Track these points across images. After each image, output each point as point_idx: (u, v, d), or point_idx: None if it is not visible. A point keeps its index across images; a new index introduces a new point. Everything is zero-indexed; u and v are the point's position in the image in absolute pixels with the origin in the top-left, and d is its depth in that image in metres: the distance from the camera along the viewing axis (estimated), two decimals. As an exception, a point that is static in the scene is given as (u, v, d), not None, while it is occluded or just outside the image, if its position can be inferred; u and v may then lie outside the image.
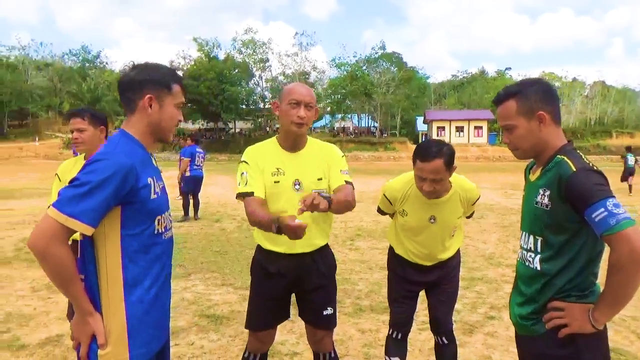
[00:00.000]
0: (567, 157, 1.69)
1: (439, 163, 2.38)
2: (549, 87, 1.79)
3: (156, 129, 1.74)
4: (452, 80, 73.36)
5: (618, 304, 1.58)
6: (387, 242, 3.05)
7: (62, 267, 1.49)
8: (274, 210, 2.31)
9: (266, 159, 2.40)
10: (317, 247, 2.47)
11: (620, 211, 1.52)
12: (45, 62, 58.74)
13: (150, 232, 1.67)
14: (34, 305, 4.59)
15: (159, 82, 1.70)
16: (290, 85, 2.45)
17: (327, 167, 2.46)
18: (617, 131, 55.28)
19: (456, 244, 2.88)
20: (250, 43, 53.13)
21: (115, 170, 1.52)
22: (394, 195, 2.74)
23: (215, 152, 44.91)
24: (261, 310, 2.51)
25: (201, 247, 7.27)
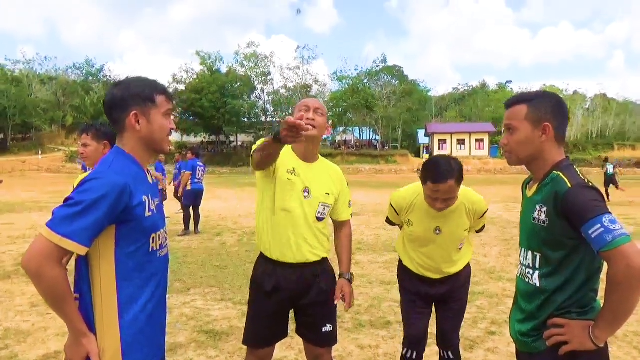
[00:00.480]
0: (562, 173, 1.69)
1: (452, 183, 2.41)
2: (562, 104, 1.80)
3: (149, 143, 1.73)
4: (453, 93, 73.66)
5: (618, 321, 1.57)
6: (387, 255, 3.07)
7: (56, 287, 1.48)
8: (282, 206, 2.39)
9: (284, 157, 2.39)
10: (319, 258, 2.48)
11: (616, 227, 1.52)
12: (49, 76, 59.28)
13: (145, 250, 1.66)
14: (33, 321, 4.57)
15: (140, 97, 1.68)
16: (302, 100, 2.60)
17: (335, 188, 2.56)
18: (619, 144, 55.36)
19: (465, 258, 2.87)
20: (253, 56, 53.57)
21: (108, 189, 1.52)
22: (400, 205, 2.77)
23: (217, 165, 45.06)
24: (259, 326, 2.48)
25: (201, 261, 7.25)
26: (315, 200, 2.44)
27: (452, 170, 2.40)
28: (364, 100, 49.85)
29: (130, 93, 1.67)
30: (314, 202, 2.44)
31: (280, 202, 2.40)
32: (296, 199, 2.40)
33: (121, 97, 1.67)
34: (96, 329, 1.59)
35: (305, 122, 2.21)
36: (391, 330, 4.41)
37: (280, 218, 2.40)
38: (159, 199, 1.84)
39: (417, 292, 2.86)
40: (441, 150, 52.31)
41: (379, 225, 10.85)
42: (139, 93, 1.68)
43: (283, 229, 2.40)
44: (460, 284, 2.87)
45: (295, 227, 2.40)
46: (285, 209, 2.40)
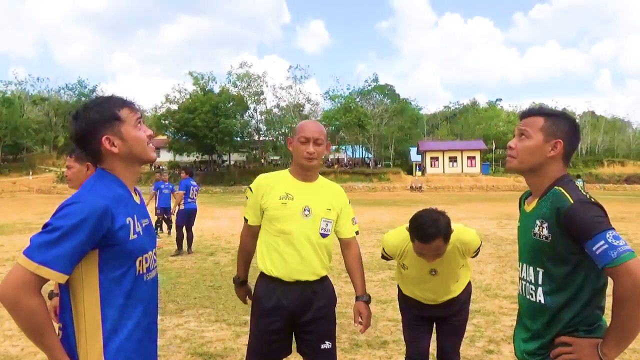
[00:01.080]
0: (563, 189, 1.68)
1: (438, 242, 2.41)
2: (577, 128, 1.82)
3: (131, 159, 1.66)
4: (444, 111, 74.38)
5: (627, 338, 1.55)
6: (382, 274, 3.09)
7: (34, 318, 1.40)
8: (280, 229, 2.45)
9: (276, 186, 2.50)
10: (319, 276, 2.50)
11: (620, 243, 1.51)
12: (41, 97, 59.20)
13: (131, 274, 1.58)
14: (22, 345, 4.46)
15: (105, 119, 1.59)
16: (302, 122, 2.58)
17: (337, 204, 2.58)
18: (609, 160, 55.94)
19: (463, 283, 2.90)
20: (245, 76, 53.88)
21: (87, 213, 1.45)
22: (392, 251, 2.82)
23: (209, 184, 44.91)
24: (262, 345, 2.47)
25: (194, 281, 7.16)
26: (316, 217, 2.46)
27: (439, 229, 2.38)
28: (356, 119, 50.15)
29: (92, 120, 1.59)
30: (316, 219, 2.46)
31: (278, 226, 2.45)
32: (294, 222, 2.43)
33: (86, 128, 1.59)
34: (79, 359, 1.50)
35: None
36: (388, 350, 4.35)
37: (279, 240, 2.44)
38: (148, 219, 1.78)
39: (418, 313, 2.89)
40: (434, 167, 52.60)
41: (373, 244, 10.81)
42: (101, 117, 1.59)
43: (282, 249, 2.43)
44: (461, 303, 2.89)
45: (296, 248, 2.42)
46: (283, 231, 2.44)
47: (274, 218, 2.46)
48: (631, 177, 49.45)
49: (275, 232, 2.46)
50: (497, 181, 46.15)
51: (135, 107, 1.69)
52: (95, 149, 1.61)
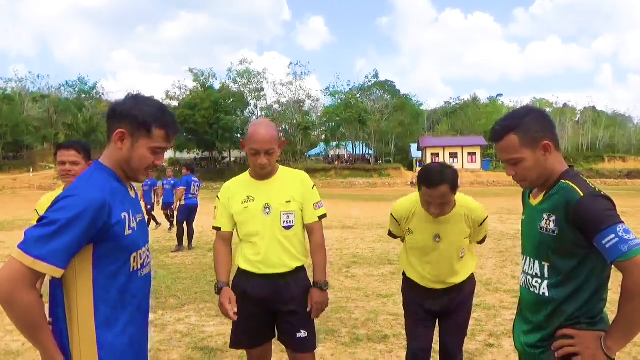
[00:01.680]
0: (572, 182, 1.66)
1: (445, 188, 2.45)
2: (545, 115, 1.78)
3: (124, 167, 1.63)
4: (445, 107, 74.17)
5: (632, 332, 1.55)
6: (383, 269, 3.06)
7: (29, 313, 1.37)
8: (246, 232, 2.60)
9: (238, 191, 2.64)
10: (290, 268, 2.58)
11: (631, 237, 1.50)
12: (41, 94, 59.07)
13: (126, 270, 1.57)
14: (22, 340, 4.46)
15: (137, 121, 1.58)
16: (252, 128, 2.53)
17: (298, 193, 2.63)
18: (609, 155, 55.92)
19: (467, 268, 2.84)
20: (246, 73, 53.87)
21: (85, 206, 1.42)
22: (399, 214, 2.80)
23: (210, 180, 44.88)
24: (239, 328, 2.63)
25: (195, 276, 7.16)
26: (276, 212, 2.56)
27: (446, 176, 2.45)
28: (356, 115, 50.12)
29: (130, 112, 1.58)
30: (276, 214, 2.56)
31: (244, 230, 2.61)
32: (258, 222, 2.56)
33: (121, 111, 1.60)
34: (72, 356, 1.49)
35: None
36: (388, 344, 4.35)
37: (248, 241, 2.61)
38: (142, 214, 1.76)
39: (421, 305, 2.82)
40: (434, 163, 52.48)
41: (374, 239, 10.81)
42: (139, 117, 1.58)
43: (252, 248, 2.58)
44: (464, 297, 2.83)
45: (263, 245, 2.55)
46: (249, 233, 2.59)
47: (240, 222, 2.62)
48: (632, 172, 49.46)
49: (243, 235, 2.63)
50: (497, 177, 46.11)
51: (170, 138, 1.66)
52: (110, 131, 1.62)
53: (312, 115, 56.53)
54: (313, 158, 58.06)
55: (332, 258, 8.60)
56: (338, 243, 10.43)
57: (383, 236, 11.05)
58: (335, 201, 23.71)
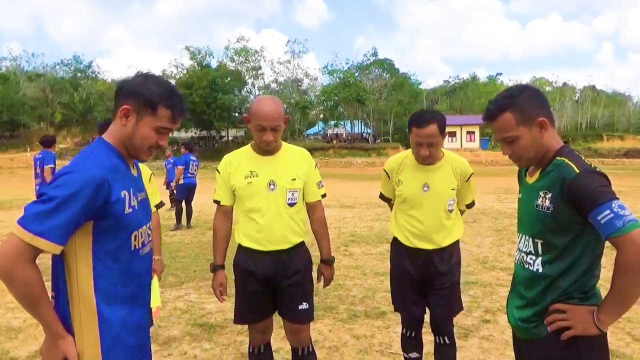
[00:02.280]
0: (568, 159, 1.66)
1: (434, 127, 2.58)
2: (539, 91, 1.76)
3: (127, 144, 1.63)
4: (444, 86, 73.69)
5: (624, 306, 1.57)
6: (380, 247, 3.11)
7: (29, 288, 1.39)
8: (248, 208, 2.57)
9: (241, 164, 2.60)
10: (293, 244, 2.60)
11: (626, 213, 1.51)
12: (36, 73, 58.43)
13: (126, 248, 1.57)
14: (24, 317, 4.51)
15: (144, 98, 1.57)
16: (258, 104, 2.48)
17: (302, 171, 2.63)
18: (608, 134, 55.84)
19: (454, 230, 2.83)
20: (243, 51, 53.26)
21: (84, 183, 1.42)
22: (391, 167, 2.91)
23: (208, 160, 44.76)
24: (244, 305, 2.68)
25: (194, 255, 7.22)
26: (282, 189, 2.55)
27: (434, 116, 2.62)
28: (355, 94, 49.79)
29: (137, 89, 1.58)
30: (282, 191, 2.56)
31: (247, 205, 2.58)
32: (262, 198, 2.54)
33: (128, 88, 1.59)
34: (74, 331, 1.50)
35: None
36: (386, 320, 4.41)
37: (250, 216, 2.58)
38: (144, 193, 1.76)
39: (407, 272, 2.83)
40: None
41: (372, 218, 10.86)
42: (146, 95, 1.57)
43: (254, 224, 2.56)
44: (452, 264, 2.81)
45: (266, 221, 2.54)
46: (252, 209, 2.56)
47: (242, 197, 2.58)
48: (630, 152, 49.46)
49: (245, 210, 2.59)
50: (496, 156, 46.08)
51: (177, 120, 1.65)
52: (116, 108, 1.61)
53: (310, 94, 56.17)
54: (311, 137, 57.85)
55: (330, 237, 8.63)
56: (336, 222, 10.48)
57: (381, 215, 11.11)
58: (334, 180, 23.73)
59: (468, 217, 5.76)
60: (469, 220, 9.73)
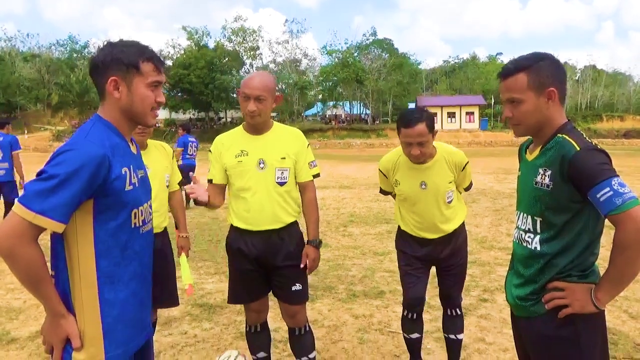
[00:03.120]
0: (568, 136, 1.64)
1: (422, 127, 2.56)
2: (560, 64, 1.73)
3: (129, 114, 1.59)
4: (444, 66, 73.03)
5: (622, 283, 1.57)
6: (379, 227, 3.13)
7: (31, 267, 1.38)
8: (239, 187, 2.57)
9: (232, 144, 2.61)
10: (284, 224, 2.60)
11: (625, 190, 1.50)
12: (32, 54, 57.77)
13: (127, 226, 1.55)
14: (24, 298, 4.54)
15: (123, 62, 1.53)
16: (247, 77, 2.53)
17: (292, 150, 2.61)
18: (608, 115, 55.57)
19: (458, 216, 2.89)
20: (240, 31, 52.57)
21: (85, 161, 1.40)
22: (386, 167, 2.90)
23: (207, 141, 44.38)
24: (237, 285, 2.69)
25: (193, 236, 7.22)
26: (271, 168, 2.55)
27: (421, 116, 2.58)
28: (354, 74, 49.33)
29: (112, 57, 1.53)
30: (270, 169, 2.55)
31: (237, 184, 2.58)
32: (251, 177, 2.54)
33: (102, 61, 1.54)
34: (75, 310, 1.49)
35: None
36: (384, 300, 4.44)
37: (241, 195, 2.57)
38: (144, 170, 1.74)
39: (414, 254, 2.91)
40: (432, 123, 52.12)
41: (371, 198, 10.88)
42: (122, 58, 1.53)
43: (245, 203, 2.56)
44: (458, 245, 2.91)
45: (256, 200, 2.54)
46: (242, 188, 2.56)
47: (233, 176, 2.59)
48: (630, 132, 49.30)
49: (236, 189, 2.60)
50: (495, 137, 45.94)
51: (161, 69, 1.62)
52: (101, 85, 1.56)
53: (308, 75, 55.64)
54: (310, 118, 57.55)
55: (329, 217, 8.66)
56: (335, 202, 10.49)
57: (380, 196, 11.05)
58: (333, 162, 23.71)
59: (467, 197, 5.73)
60: (467, 201, 9.72)
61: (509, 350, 3.35)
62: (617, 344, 3.40)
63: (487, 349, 3.44)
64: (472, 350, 3.41)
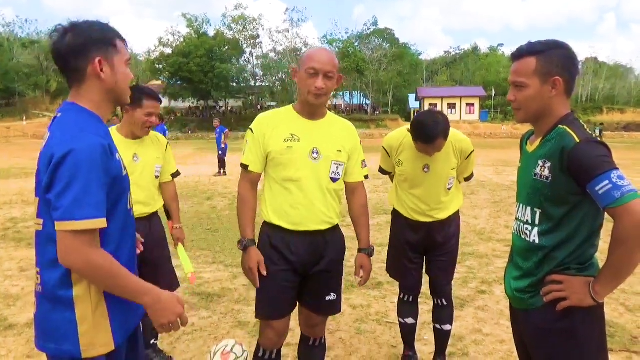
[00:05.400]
0: (569, 128, 1.62)
1: (440, 141, 2.52)
2: (573, 55, 1.71)
3: (112, 94, 1.54)
4: (445, 57, 72.80)
5: (620, 277, 1.56)
6: (377, 218, 3.10)
7: (108, 269, 1.39)
8: (285, 176, 2.19)
9: (279, 126, 2.21)
10: (331, 225, 2.30)
11: (624, 183, 1.48)
12: (31, 40, 57.35)
13: (124, 208, 1.55)
14: (22, 285, 4.54)
15: (103, 41, 1.48)
16: (312, 50, 2.23)
17: (348, 144, 2.32)
18: (608, 107, 55.51)
19: (454, 203, 2.90)
20: (241, 19, 52.30)
21: (92, 155, 1.38)
22: (390, 145, 2.84)
23: (206, 130, 44.57)
24: (273, 297, 2.26)
25: (192, 225, 7.21)
26: (327, 160, 2.22)
27: (439, 129, 2.48)
28: (354, 64, 49.15)
29: (92, 38, 1.46)
30: (326, 161, 2.22)
31: (284, 173, 2.20)
32: (303, 166, 2.18)
33: (82, 43, 1.45)
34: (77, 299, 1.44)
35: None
36: (382, 290, 4.45)
37: (286, 187, 2.21)
38: None
39: (407, 241, 2.91)
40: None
41: (369, 189, 10.85)
42: (101, 38, 1.47)
43: (290, 197, 2.20)
44: (451, 233, 2.90)
45: (306, 195, 2.20)
46: (290, 179, 2.19)
47: (279, 164, 2.19)
48: (630, 125, 49.27)
49: (281, 179, 2.21)
50: (495, 128, 45.94)
51: (128, 47, 1.59)
52: (81, 68, 1.47)
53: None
54: (310, 108, 57.32)
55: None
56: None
57: (379, 187, 11.09)
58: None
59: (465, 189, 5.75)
60: (466, 192, 9.72)
61: (505, 341, 3.36)
62: (614, 336, 3.41)
63: (484, 340, 3.45)
64: (469, 341, 3.42)
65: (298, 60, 2.29)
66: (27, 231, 6.66)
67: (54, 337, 1.46)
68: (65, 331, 1.45)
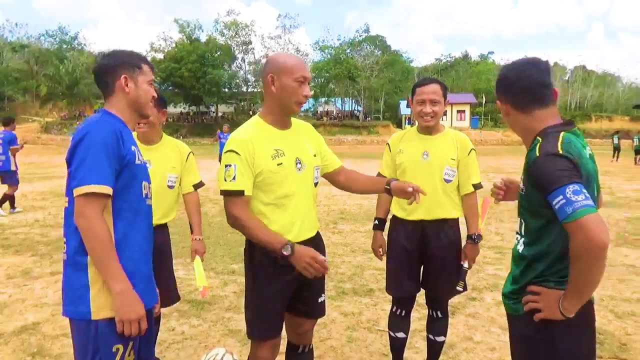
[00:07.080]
0: (542, 140, 1.64)
1: (436, 86, 2.75)
2: (505, 76, 1.76)
3: (135, 105, 1.89)
4: (436, 64, 73.18)
5: (583, 293, 1.54)
6: (369, 225, 3.09)
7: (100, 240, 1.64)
8: (280, 195, 2.09)
9: (261, 143, 2.08)
10: (317, 229, 2.31)
11: (578, 198, 1.45)
12: (21, 44, 56.94)
13: (137, 193, 1.82)
14: (9, 292, 4.47)
15: (129, 63, 1.87)
16: (283, 57, 2.13)
17: (315, 144, 2.31)
18: (597, 115, 56.13)
19: (450, 206, 2.82)
20: (233, 25, 52.29)
21: (103, 136, 1.68)
22: (394, 138, 3.02)
23: (197, 136, 44.49)
24: (269, 315, 2.18)
25: (182, 232, 7.14)
26: (309, 168, 2.19)
27: (437, 79, 2.82)
28: (346, 71, 49.36)
29: (121, 60, 1.87)
30: (309, 169, 2.19)
31: (278, 192, 2.10)
32: (292, 181, 2.12)
33: (113, 64, 1.86)
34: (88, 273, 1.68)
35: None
36: (373, 298, 4.44)
37: (280, 206, 2.12)
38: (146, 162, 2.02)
39: (405, 249, 2.82)
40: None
41: (361, 196, 10.87)
42: (130, 60, 1.88)
43: (286, 214, 2.13)
44: (451, 240, 2.82)
45: (301, 207, 2.16)
46: (285, 195, 2.11)
47: (272, 183, 2.08)
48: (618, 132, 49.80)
49: (274, 198, 2.10)
50: (486, 135, 46.25)
51: (153, 71, 1.98)
52: (111, 84, 1.86)
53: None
54: (301, 114, 57.39)
55: (319, 214, 8.64)
56: (326, 199, 10.49)
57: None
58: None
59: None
60: (457, 199, 9.76)
61: (496, 349, 3.37)
62: (603, 343, 3.42)
63: (475, 347, 3.45)
64: (460, 349, 3.42)
65: (270, 68, 2.10)
66: (15, 238, 6.60)
67: (72, 300, 1.70)
68: (80, 294, 1.68)
